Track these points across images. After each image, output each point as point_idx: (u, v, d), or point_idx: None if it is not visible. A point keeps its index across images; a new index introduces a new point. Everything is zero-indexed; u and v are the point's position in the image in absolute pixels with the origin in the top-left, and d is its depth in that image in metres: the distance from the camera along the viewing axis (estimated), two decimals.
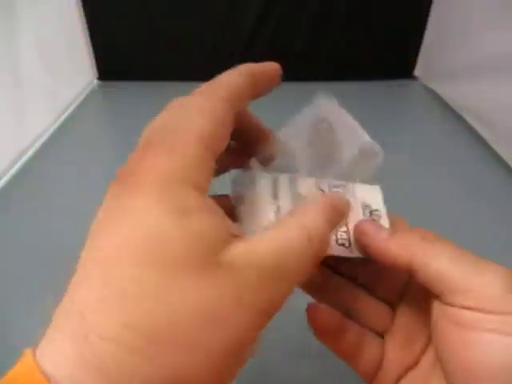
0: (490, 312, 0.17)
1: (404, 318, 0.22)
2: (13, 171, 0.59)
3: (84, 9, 0.79)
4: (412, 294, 0.23)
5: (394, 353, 0.22)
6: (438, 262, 0.18)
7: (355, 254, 0.22)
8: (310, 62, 0.87)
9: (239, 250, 0.15)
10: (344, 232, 0.22)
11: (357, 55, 0.87)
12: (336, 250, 0.22)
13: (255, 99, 0.21)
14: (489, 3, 0.63)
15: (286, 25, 0.83)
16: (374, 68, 0.87)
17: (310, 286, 0.24)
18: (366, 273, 0.24)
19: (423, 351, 0.21)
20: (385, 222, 0.23)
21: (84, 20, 0.80)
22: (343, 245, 0.22)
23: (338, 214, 0.19)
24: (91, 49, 0.84)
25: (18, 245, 0.47)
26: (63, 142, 0.67)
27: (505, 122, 0.59)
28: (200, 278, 0.14)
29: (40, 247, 0.46)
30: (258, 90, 0.21)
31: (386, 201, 0.24)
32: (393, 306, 0.23)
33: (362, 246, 0.21)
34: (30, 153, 0.63)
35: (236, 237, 0.15)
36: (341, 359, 0.23)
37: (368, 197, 0.24)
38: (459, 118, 0.72)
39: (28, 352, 0.13)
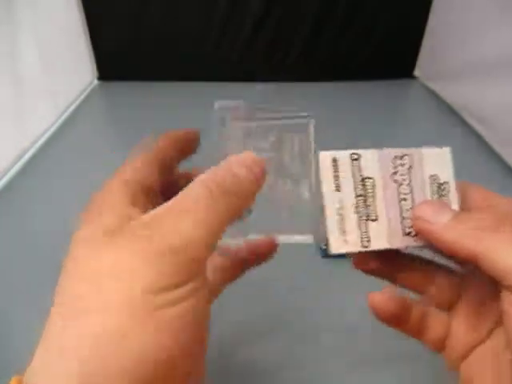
0: None
1: (471, 295, 0.22)
2: (13, 171, 0.59)
3: (84, 9, 0.79)
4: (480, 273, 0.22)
5: (460, 331, 0.22)
6: (505, 255, 0.17)
7: (420, 242, 0.20)
8: (310, 62, 0.87)
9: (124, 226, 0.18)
10: (410, 219, 0.21)
11: (357, 55, 0.87)
12: (402, 242, 0.20)
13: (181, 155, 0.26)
14: (489, 3, 0.63)
15: (286, 25, 0.83)
16: (374, 68, 0.88)
17: (369, 267, 0.23)
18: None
19: (490, 332, 0.21)
20: (453, 198, 0.21)
21: (84, 20, 0.80)
22: (409, 234, 0.21)
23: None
24: (91, 49, 0.84)
25: (18, 245, 0.47)
26: (63, 142, 0.67)
27: (505, 122, 0.59)
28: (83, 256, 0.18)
29: (40, 247, 0.46)
30: (179, 145, 0.25)
31: None
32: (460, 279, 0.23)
33: (418, 232, 0.20)
34: (30, 153, 0.63)
35: None
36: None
37: (436, 166, 0.22)
38: (459, 118, 0.72)
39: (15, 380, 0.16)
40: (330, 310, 0.38)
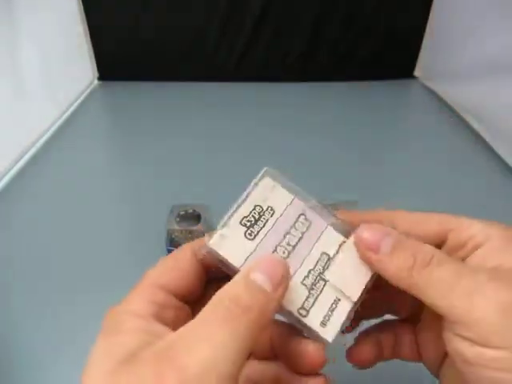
0: (495, 347, 0.16)
1: (429, 314, 0.22)
2: (13, 171, 0.59)
3: (84, 9, 0.79)
4: None
5: (428, 341, 0.22)
6: (433, 293, 0.18)
7: (371, 272, 0.21)
8: (310, 62, 0.87)
9: (142, 351, 0.17)
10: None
11: (357, 55, 0.87)
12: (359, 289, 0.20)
13: None
14: (489, 3, 0.63)
15: (286, 25, 0.83)
16: (374, 68, 0.88)
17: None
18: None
19: None
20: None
21: (84, 20, 0.80)
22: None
23: None
24: (92, 49, 0.84)
25: (19, 245, 0.47)
26: (64, 142, 0.67)
27: (505, 122, 0.59)
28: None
29: (40, 247, 0.46)
30: None
31: (385, 200, 0.23)
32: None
33: (364, 261, 0.20)
34: (30, 153, 0.63)
35: None
36: None
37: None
38: (459, 118, 0.72)
39: None
40: None
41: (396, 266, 0.19)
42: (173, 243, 0.41)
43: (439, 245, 0.21)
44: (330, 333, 0.20)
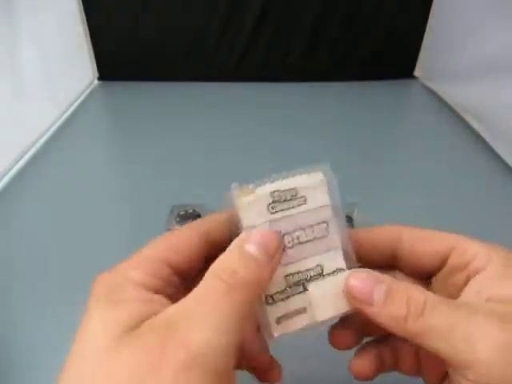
0: None
1: None
2: (13, 171, 0.59)
3: (84, 9, 0.79)
4: None
5: (429, 358, 0.22)
6: (432, 342, 0.18)
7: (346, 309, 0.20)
8: (310, 62, 0.87)
9: (146, 322, 0.16)
10: None
11: (357, 55, 0.87)
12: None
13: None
14: (489, 3, 0.63)
15: (286, 25, 0.83)
16: (374, 68, 0.88)
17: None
18: None
19: None
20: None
21: (85, 20, 0.80)
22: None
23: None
24: (92, 49, 0.84)
25: (19, 245, 0.47)
26: (64, 142, 0.67)
27: (505, 122, 0.59)
28: (104, 356, 0.16)
29: (40, 247, 0.46)
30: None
31: (385, 200, 0.24)
32: None
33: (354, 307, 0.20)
34: (30, 153, 0.63)
35: None
36: None
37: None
38: (459, 118, 0.72)
39: None
40: None
41: (391, 315, 0.18)
42: None
43: (442, 262, 0.21)
44: (278, 331, 0.20)
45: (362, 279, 0.19)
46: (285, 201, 0.20)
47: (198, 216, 0.43)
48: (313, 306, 0.20)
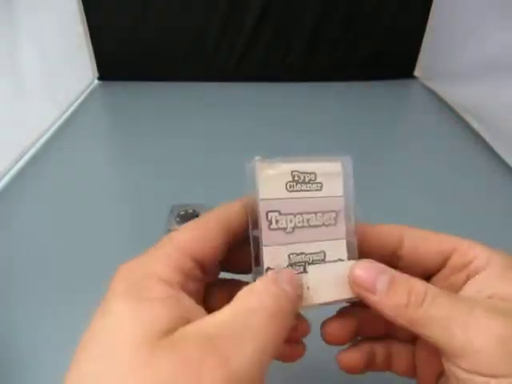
0: (498, 376, 0.17)
1: None
2: (13, 171, 0.59)
3: (84, 9, 0.79)
4: None
5: (424, 360, 0.22)
6: (431, 331, 0.18)
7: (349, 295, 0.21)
8: (310, 62, 0.87)
9: (181, 330, 0.16)
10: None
11: (357, 55, 0.87)
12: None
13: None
14: (489, 3, 0.63)
15: (286, 25, 0.83)
16: (374, 68, 0.88)
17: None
18: None
19: None
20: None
21: (85, 20, 0.80)
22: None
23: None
24: (92, 49, 0.84)
25: (19, 245, 0.47)
26: (63, 142, 0.67)
27: (505, 122, 0.59)
28: (137, 359, 0.15)
29: (40, 247, 0.46)
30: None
31: (385, 201, 0.24)
32: None
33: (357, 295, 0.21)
34: (30, 153, 0.63)
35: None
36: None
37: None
38: (459, 118, 0.72)
39: None
40: None
41: (393, 304, 0.19)
42: None
43: (442, 262, 0.22)
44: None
45: (367, 268, 0.20)
46: (303, 182, 0.21)
47: (198, 216, 0.43)
48: (310, 288, 0.20)
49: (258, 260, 0.20)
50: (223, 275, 0.23)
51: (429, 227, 0.22)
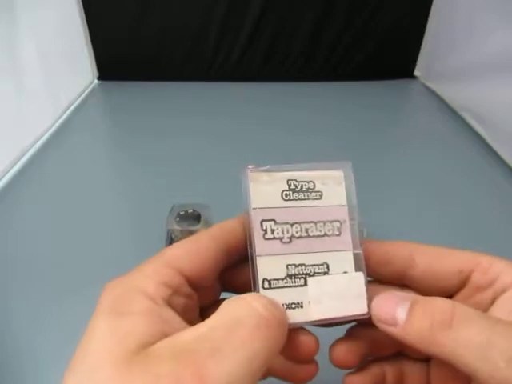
0: None
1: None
2: (13, 171, 0.59)
3: (84, 9, 0.79)
4: None
5: (438, 380, 0.21)
6: (461, 354, 0.16)
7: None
8: (310, 62, 0.87)
9: (159, 344, 0.15)
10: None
11: (357, 55, 0.87)
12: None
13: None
14: (489, 3, 0.63)
15: (286, 25, 0.83)
16: (374, 68, 0.88)
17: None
18: None
19: (468, 381, 0.19)
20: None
21: (84, 20, 0.80)
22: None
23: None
24: (91, 49, 0.84)
25: (19, 245, 0.47)
26: (63, 142, 0.67)
27: (505, 122, 0.59)
28: (115, 374, 0.14)
29: (40, 247, 0.46)
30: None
31: (384, 201, 0.23)
32: None
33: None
34: (30, 153, 0.63)
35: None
36: None
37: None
38: (459, 118, 0.72)
39: None
40: None
41: (414, 330, 0.17)
42: (173, 243, 0.41)
43: (462, 282, 0.20)
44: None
45: (385, 300, 0.19)
46: (300, 191, 0.20)
47: (198, 216, 0.43)
48: (311, 302, 0.19)
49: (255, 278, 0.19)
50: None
51: (428, 227, 0.22)
